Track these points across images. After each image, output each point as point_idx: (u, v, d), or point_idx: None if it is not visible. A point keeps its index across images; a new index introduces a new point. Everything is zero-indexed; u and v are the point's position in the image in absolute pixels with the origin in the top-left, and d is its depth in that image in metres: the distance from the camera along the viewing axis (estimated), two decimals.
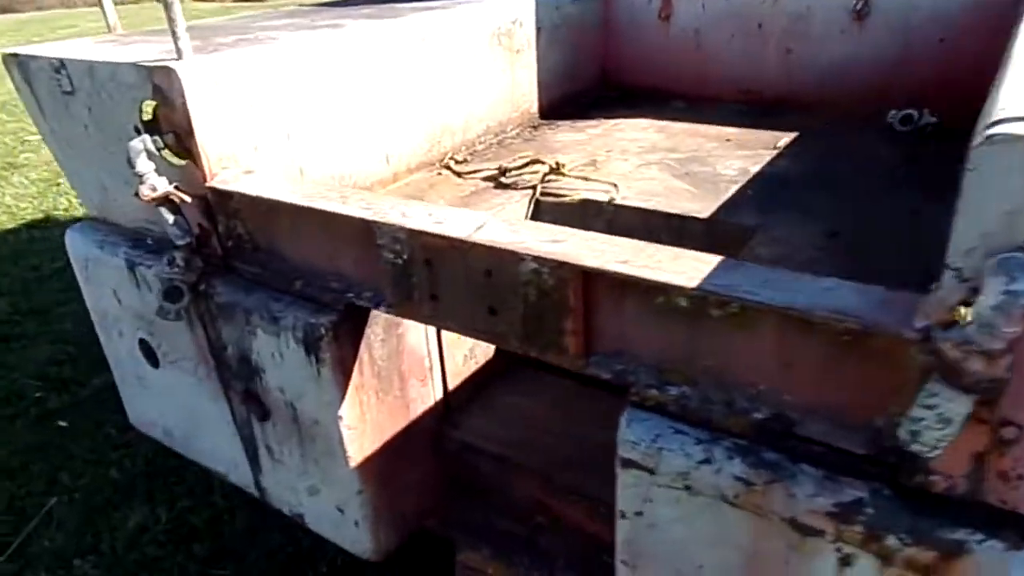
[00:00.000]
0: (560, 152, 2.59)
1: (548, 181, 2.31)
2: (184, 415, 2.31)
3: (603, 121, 2.98)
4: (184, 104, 1.74)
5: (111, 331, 2.38)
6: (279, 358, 1.82)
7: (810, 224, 1.93)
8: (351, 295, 1.68)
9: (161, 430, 2.49)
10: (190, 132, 1.77)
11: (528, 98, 2.96)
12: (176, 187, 1.82)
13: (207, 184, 1.83)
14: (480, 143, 2.74)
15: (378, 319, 1.79)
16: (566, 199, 2.22)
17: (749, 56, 3.03)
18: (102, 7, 2.31)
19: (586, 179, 2.29)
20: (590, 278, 1.29)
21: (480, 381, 2.25)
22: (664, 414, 1.26)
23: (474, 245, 1.38)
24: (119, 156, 1.97)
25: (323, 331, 1.69)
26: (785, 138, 2.61)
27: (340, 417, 1.79)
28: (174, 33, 1.73)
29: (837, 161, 2.38)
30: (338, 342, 1.70)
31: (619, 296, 1.30)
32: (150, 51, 1.92)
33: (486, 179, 2.42)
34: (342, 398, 1.77)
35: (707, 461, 1.18)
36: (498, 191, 2.32)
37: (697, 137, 2.72)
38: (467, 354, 2.17)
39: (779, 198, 2.11)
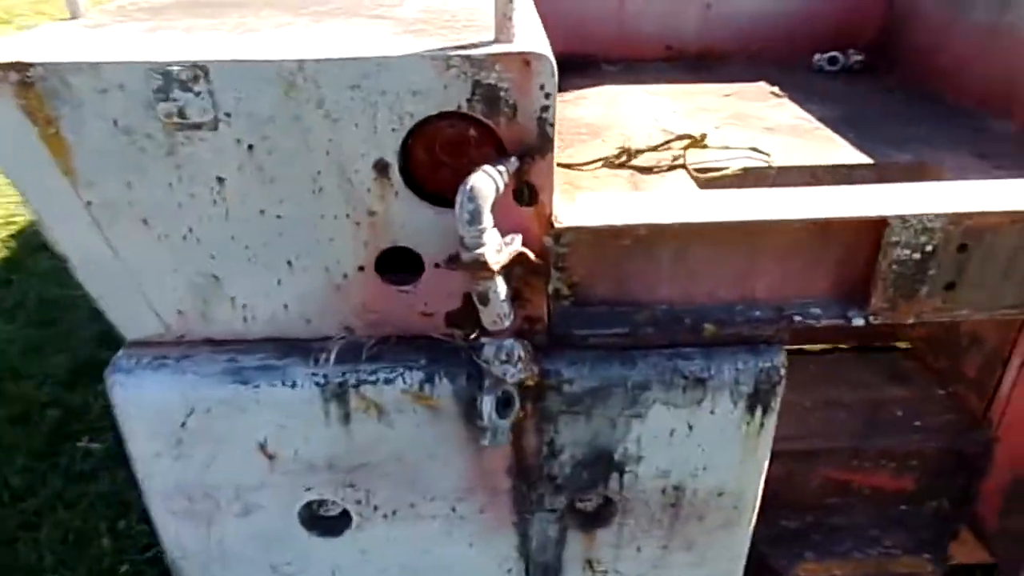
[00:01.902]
0: (609, 128, 2.35)
1: (683, 156, 2.10)
2: None
3: (584, 92, 2.76)
4: (545, 107, 1.12)
5: (222, 513, 1.43)
6: (684, 432, 1.36)
7: (948, 151, 2.15)
8: (799, 318, 1.34)
9: None
10: (543, 150, 1.16)
11: None
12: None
13: (558, 225, 1.22)
14: None
15: None
16: (727, 171, 2.05)
17: (671, 14, 3.11)
18: None
19: (727, 147, 2.14)
20: None
21: None
22: None
23: None
24: (293, 222, 1.20)
25: (781, 372, 1.32)
26: (774, 88, 2.80)
27: (762, 472, 1.44)
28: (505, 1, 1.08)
29: (845, 101, 2.64)
30: (784, 382, 1.35)
31: None
32: (329, 37, 1.17)
33: (609, 165, 2.07)
34: (768, 447, 1.42)
35: None
36: (646, 176, 2.02)
37: (704, 96, 2.73)
38: None
39: (878, 136, 2.28)
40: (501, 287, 1.18)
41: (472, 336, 1.27)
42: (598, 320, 1.33)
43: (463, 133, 1.15)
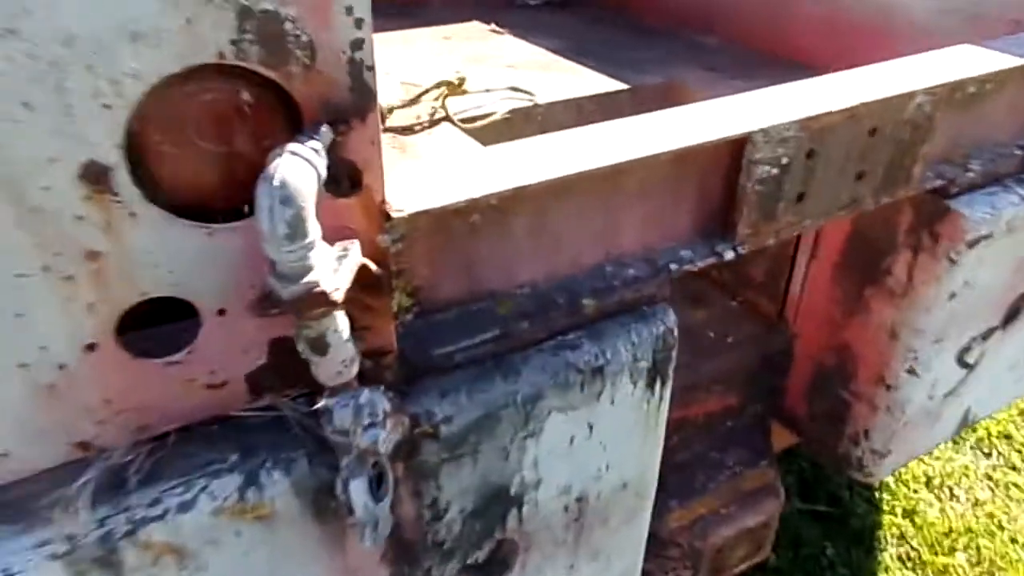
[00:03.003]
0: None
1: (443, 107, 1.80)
2: None
3: None
4: (358, 43, 0.73)
5: None
6: (584, 435, 1.10)
7: (682, 69, 2.16)
8: (674, 265, 1.15)
9: None
10: (363, 110, 0.77)
11: None
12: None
13: (397, 215, 0.84)
14: None
15: None
16: (495, 116, 1.80)
17: None
18: None
19: (488, 90, 1.88)
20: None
21: None
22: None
23: (867, 104, 1.19)
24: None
25: (675, 332, 1.13)
26: (491, 25, 2.61)
27: (660, 446, 1.26)
28: None
29: (566, 34, 2.56)
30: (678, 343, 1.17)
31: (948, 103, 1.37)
32: None
33: None
34: (666, 418, 1.24)
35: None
36: (409, 137, 1.69)
37: (424, 41, 2.44)
38: None
39: (615, 62, 2.23)
40: (343, 323, 0.79)
41: (300, 398, 0.86)
42: (458, 329, 1.00)
43: (231, 98, 0.72)
